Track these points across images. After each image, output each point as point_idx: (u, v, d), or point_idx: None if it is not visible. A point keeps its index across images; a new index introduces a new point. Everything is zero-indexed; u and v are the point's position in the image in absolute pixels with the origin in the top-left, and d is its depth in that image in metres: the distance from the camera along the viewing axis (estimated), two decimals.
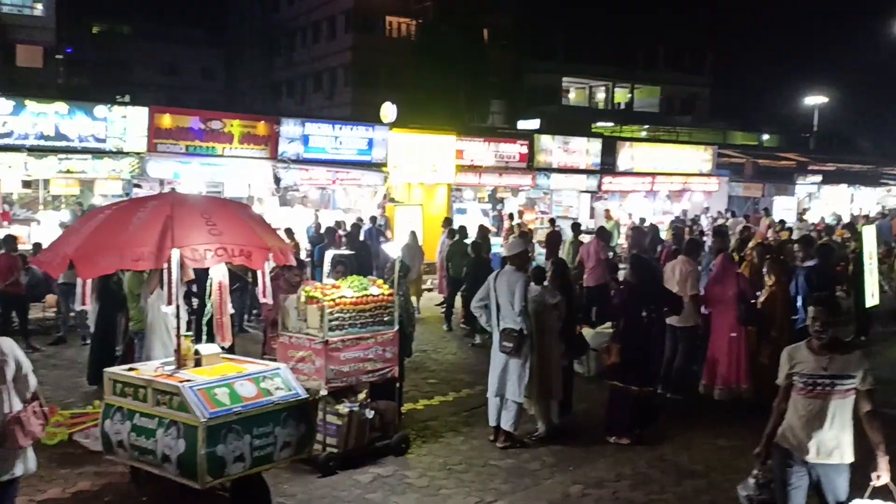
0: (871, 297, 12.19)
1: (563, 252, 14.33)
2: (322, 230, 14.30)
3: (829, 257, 10.09)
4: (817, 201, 28.37)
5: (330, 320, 6.52)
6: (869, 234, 12.64)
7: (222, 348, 6.38)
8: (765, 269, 9.29)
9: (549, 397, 7.42)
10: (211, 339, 6.62)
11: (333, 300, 6.59)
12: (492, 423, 7.31)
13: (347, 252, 9.08)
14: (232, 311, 7.12)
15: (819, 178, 28.52)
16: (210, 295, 6.68)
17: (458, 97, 30.36)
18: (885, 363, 10.01)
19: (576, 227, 14.74)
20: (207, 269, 6.17)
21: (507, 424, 7.17)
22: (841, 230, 19.26)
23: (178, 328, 5.71)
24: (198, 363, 5.72)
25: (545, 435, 7.37)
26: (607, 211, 17.85)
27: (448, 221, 15.06)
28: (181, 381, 5.24)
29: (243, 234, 5.66)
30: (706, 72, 53.43)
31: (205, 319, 6.80)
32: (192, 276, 6.92)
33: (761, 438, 4.74)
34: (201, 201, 6.54)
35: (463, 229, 13.63)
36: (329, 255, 7.81)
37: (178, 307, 5.76)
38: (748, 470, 6.62)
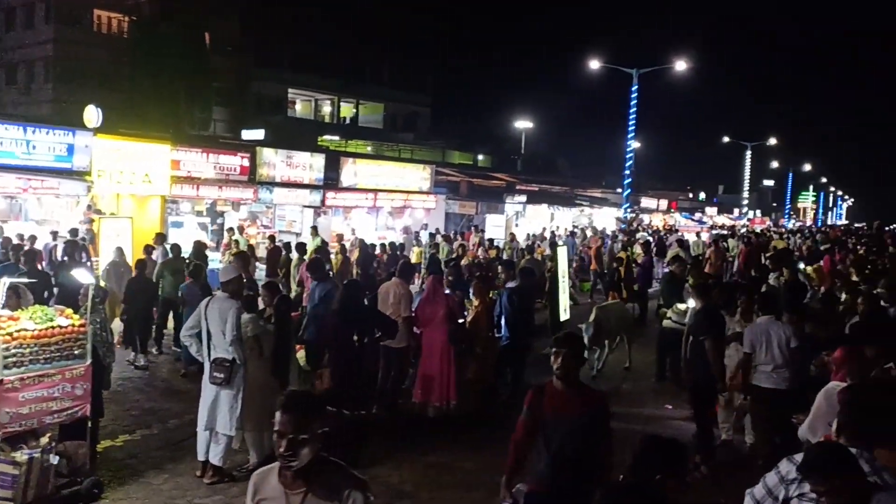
0: (565, 312, 13.56)
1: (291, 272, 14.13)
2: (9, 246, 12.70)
3: (529, 278, 10.97)
4: (524, 219, 30.96)
5: (6, 357, 5.77)
6: (562, 254, 14.05)
7: None
8: (471, 291, 9.89)
9: (263, 428, 7.21)
10: None
11: (10, 334, 5.84)
12: (200, 457, 6.94)
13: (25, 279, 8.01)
14: None
15: (524, 197, 31.17)
16: None
17: (177, 103, 28.78)
18: None
19: (300, 247, 14.56)
20: None
21: (215, 459, 6.85)
22: (541, 248, 21.20)
23: None
24: None
25: (256, 466, 7.13)
26: (314, 228, 17.75)
27: (161, 237, 14.15)
28: None
29: None
30: (427, 91, 56.23)
31: None
32: None
33: (468, 453, 4.97)
34: None
35: (176, 247, 12.80)
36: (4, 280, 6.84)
37: None
38: (454, 485, 7.01)
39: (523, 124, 51.31)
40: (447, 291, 9.59)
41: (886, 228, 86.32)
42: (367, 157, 29.29)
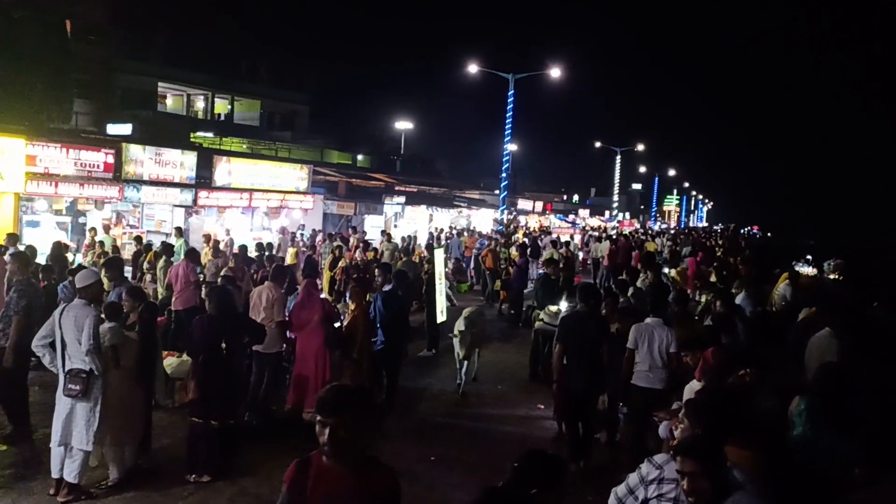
0: (441, 314, 13.65)
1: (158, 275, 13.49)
2: None
3: (404, 281, 10.96)
4: (402, 221, 30.99)
5: None
6: (439, 257, 14.14)
7: None
8: (347, 294, 9.79)
9: (124, 442, 6.85)
10: None
11: None
12: (54, 474, 6.50)
13: None
14: None
15: (403, 198, 31.20)
16: None
17: (34, 93, 26.93)
18: (450, 374, 11.25)
19: (167, 248, 13.94)
20: None
21: (70, 476, 6.43)
22: (418, 250, 21.30)
23: None
24: None
25: (118, 481, 6.77)
26: (177, 229, 17.01)
27: (13, 238, 13.19)
28: None
29: None
30: (306, 89, 55.36)
31: None
32: None
33: None
34: None
35: (32, 249, 11.98)
36: None
37: None
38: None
39: (403, 125, 51.43)
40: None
41: (742, 231, 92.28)
42: (243, 155, 28.52)
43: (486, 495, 3.05)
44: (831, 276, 25.75)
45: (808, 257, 32.81)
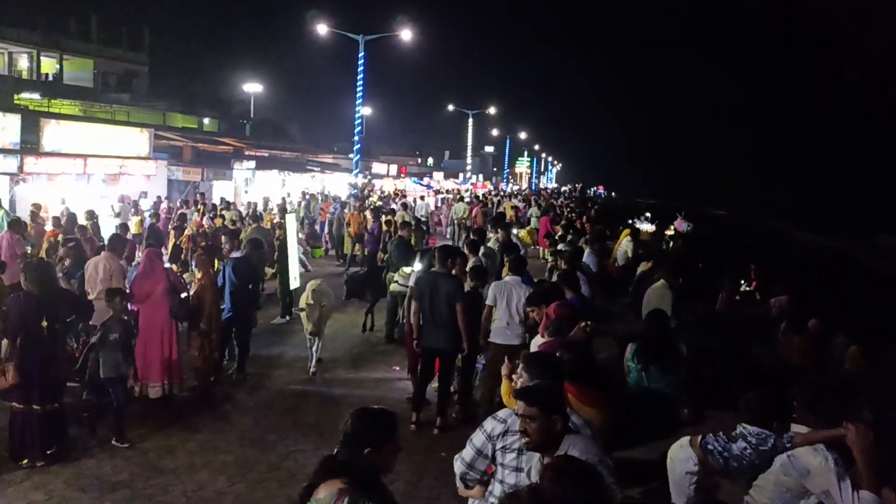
0: (295, 280, 13.42)
1: None
2: None
3: (256, 249, 10.66)
4: (253, 186, 30.06)
5: None
6: (291, 222, 13.85)
7: None
8: (193, 263, 9.40)
9: None
10: None
11: None
12: None
13: None
14: None
15: (253, 163, 30.23)
16: None
17: None
18: (304, 341, 11.05)
19: None
20: None
21: None
22: (270, 216, 20.77)
23: None
24: None
25: None
26: None
27: None
28: None
29: None
30: (144, 49, 52.20)
31: None
32: None
33: (191, 434, 4.63)
34: None
35: None
36: None
37: None
38: (175, 471, 6.63)
39: (252, 88, 49.64)
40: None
41: (588, 191, 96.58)
42: (75, 118, 26.54)
43: (323, 463, 3.02)
44: (667, 232, 27.47)
45: (648, 215, 34.85)
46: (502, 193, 48.78)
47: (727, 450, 4.20)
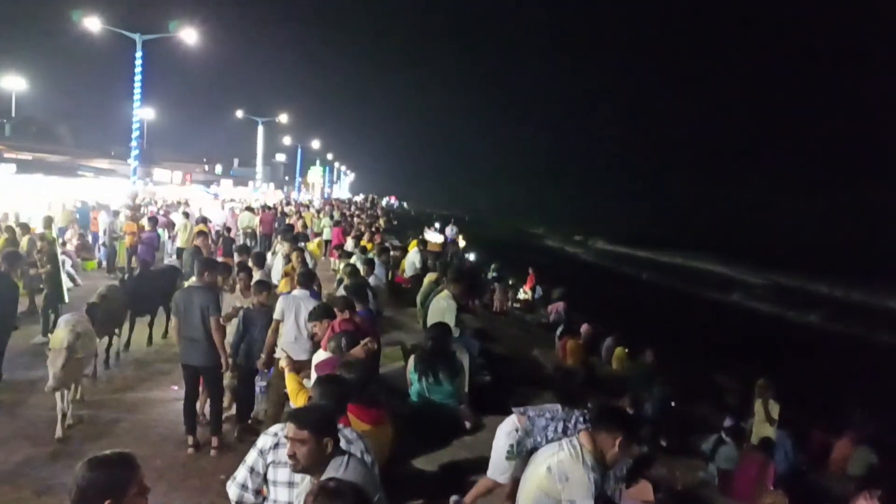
0: (66, 294, 12.38)
1: None
2: None
3: (14, 264, 9.59)
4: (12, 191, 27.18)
5: None
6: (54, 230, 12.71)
7: None
8: None
9: None
10: None
11: None
12: None
13: None
14: None
15: (14, 167, 27.45)
16: None
17: None
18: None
19: None
20: None
21: None
22: (33, 227, 18.90)
23: None
24: None
25: None
26: None
27: None
28: None
29: None
30: None
31: None
32: None
33: None
34: None
35: None
36: None
37: None
38: None
39: (14, 83, 45.03)
40: None
41: (383, 202, 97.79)
42: None
43: None
44: (456, 241, 28.48)
45: (437, 224, 35.92)
46: (301, 205, 47.97)
47: (540, 415, 5.00)
